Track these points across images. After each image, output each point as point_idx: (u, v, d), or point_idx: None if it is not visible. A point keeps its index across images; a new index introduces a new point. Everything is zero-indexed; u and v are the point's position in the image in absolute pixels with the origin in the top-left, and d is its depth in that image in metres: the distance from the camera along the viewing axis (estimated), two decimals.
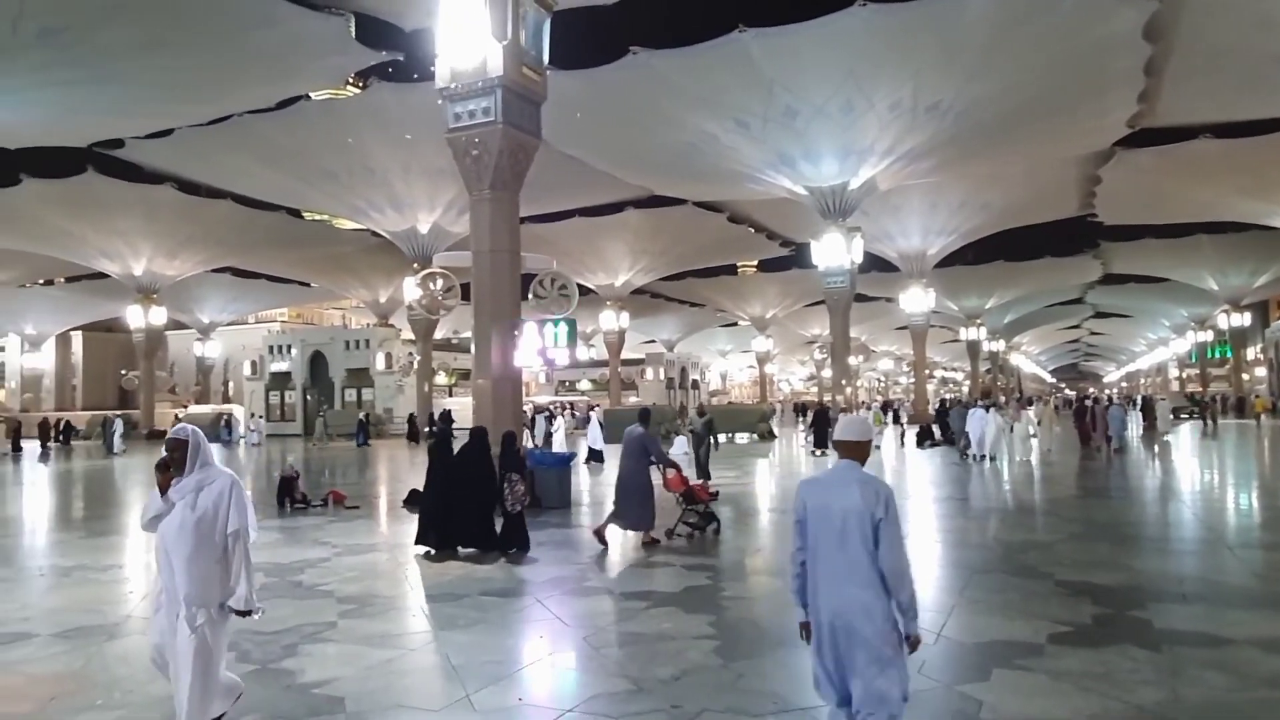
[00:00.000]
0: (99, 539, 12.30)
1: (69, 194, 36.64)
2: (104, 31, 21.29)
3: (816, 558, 3.70)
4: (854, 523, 3.59)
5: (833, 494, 3.71)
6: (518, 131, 14.27)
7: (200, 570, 4.21)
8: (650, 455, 10.93)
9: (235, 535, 4.29)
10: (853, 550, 3.59)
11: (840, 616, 3.60)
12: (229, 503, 4.31)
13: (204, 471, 4.38)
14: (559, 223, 42.03)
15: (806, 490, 3.85)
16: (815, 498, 3.77)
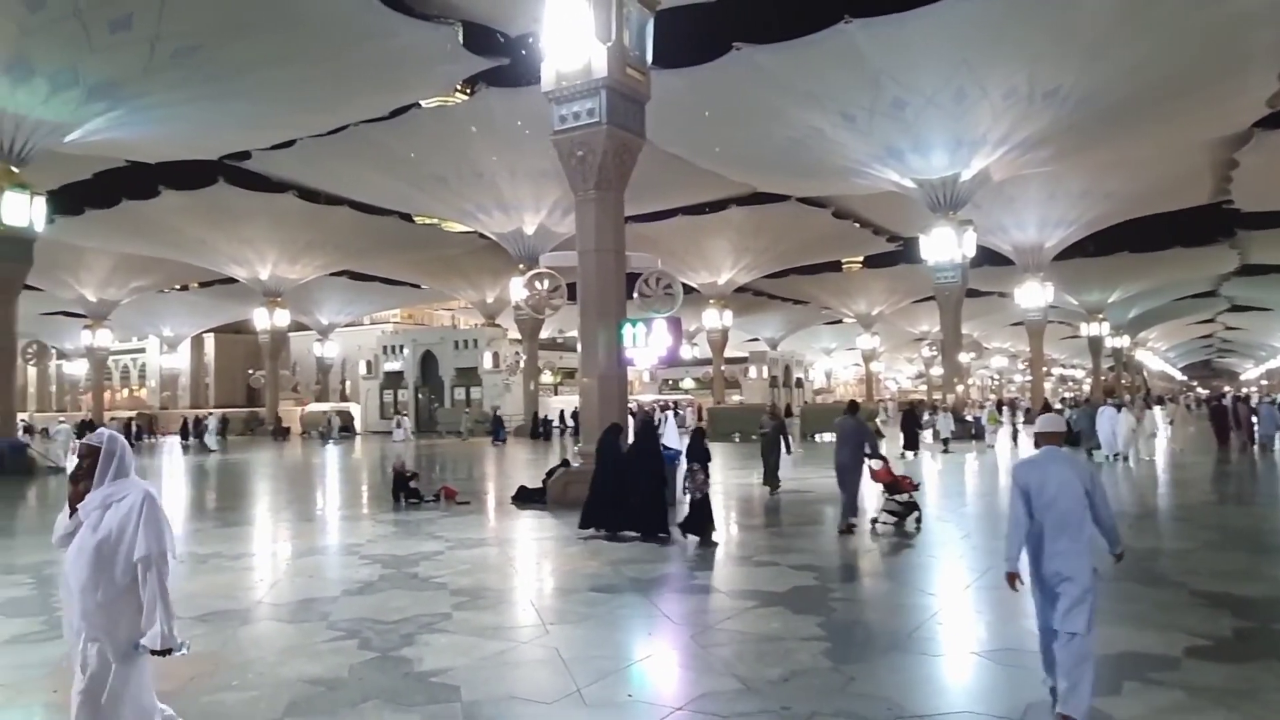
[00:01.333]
0: (230, 529, 13.01)
1: (202, 204, 38.96)
2: (232, 49, 22.53)
3: (1038, 523, 4.67)
4: (1067, 491, 4.64)
5: (1047, 471, 4.72)
6: (622, 131, 14.37)
7: (97, 601, 3.51)
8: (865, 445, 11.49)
9: (145, 561, 3.53)
10: (1065, 512, 4.62)
11: (1054, 562, 4.63)
12: (137, 522, 3.55)
13: (115, 485, 3.65)
14: (662, 222, 42.18)
15: (1023, 470, 4.83)
16: (1032, 475, 4.75)
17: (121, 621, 3.60)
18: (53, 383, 78.10)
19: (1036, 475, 4.72)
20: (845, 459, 11.39)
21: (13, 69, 21.32)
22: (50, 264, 37.37)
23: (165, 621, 3.61)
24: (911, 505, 11.40)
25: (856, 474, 11.33)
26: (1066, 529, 4.60)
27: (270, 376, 50.98)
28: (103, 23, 20.44)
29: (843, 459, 11.42)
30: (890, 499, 11.44)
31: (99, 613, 3.55)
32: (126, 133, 26.11)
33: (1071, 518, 4.61)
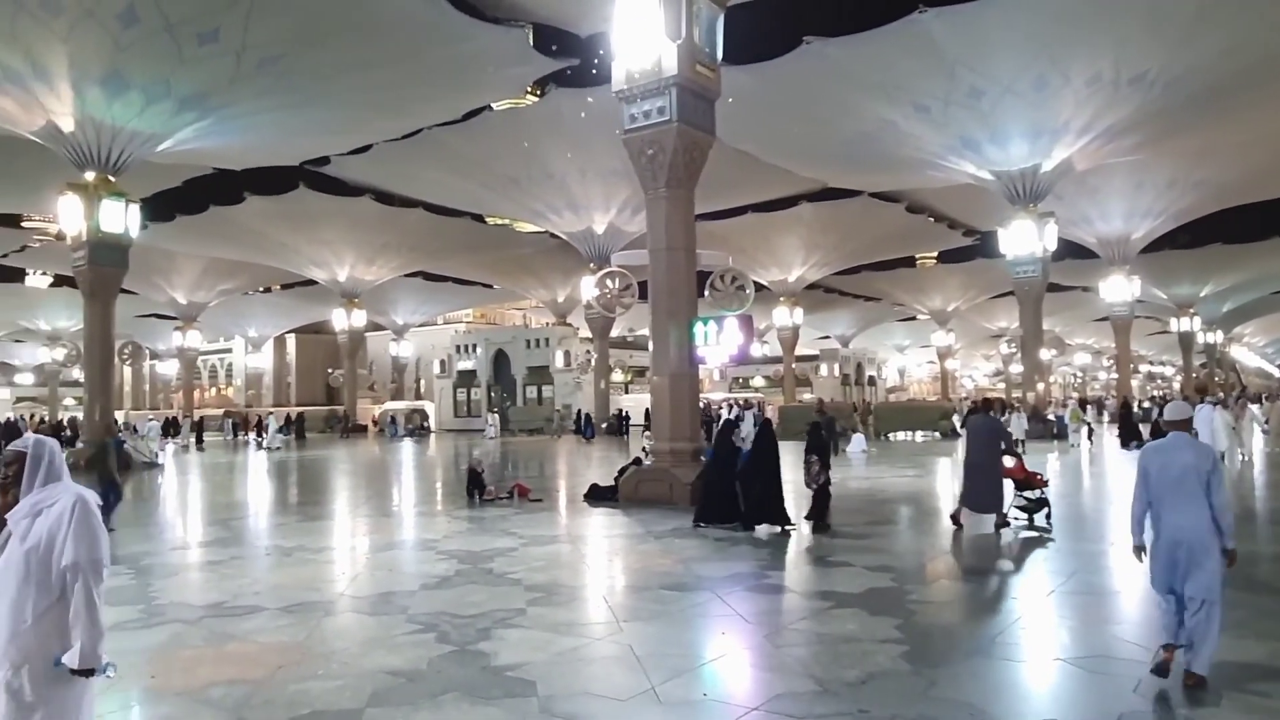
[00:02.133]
0: (312, 523, 13.41)
1: (284, 209, 40.27)
2: (313, 58, 23.22)
3: (1160, 500, 5.23)
4: (1190, 474, 5.14)
5: (1172, 455, 5.27)
6: (692, 129, 14.34)
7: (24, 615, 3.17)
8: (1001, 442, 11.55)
9: (73, 570, 3.18)
10: (1187, 493, 5.13)
11: (1177, 535, 5.13)
12: (68, 529, 3.24)
13: (45, 491, 3.33)
14: (731, 219, 41.97)
15: (1150, 454, 5.43)
16: (1158, 458, 5.33)
17: (53, 636, 3.19)
18: (146, 382, 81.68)
19: (1160, 459, 5.30)
20: (979, 456, 11.36)
21: (109, 83, 22.34)
22: (144, 268, 39.12)
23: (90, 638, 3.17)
24: (1042, 501, 11.37)
25: (991, 471, 11.19)
26: (1190, 506, 5.11)
27: (348, 375, 52.42)
28: (192, 36, 21.28)
29: (977, 456, 11.40)
30: (1020, 495, 11.44)
31: (30, 632, 3.15)
32: (214, 141, 27.15)
33: (1194, 498, 5.11)
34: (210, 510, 16.60)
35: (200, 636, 6.76)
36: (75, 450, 27.13)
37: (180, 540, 12.22)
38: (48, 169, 26.99)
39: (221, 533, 12.67)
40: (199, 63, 22.16)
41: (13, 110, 23.20)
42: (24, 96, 22.58)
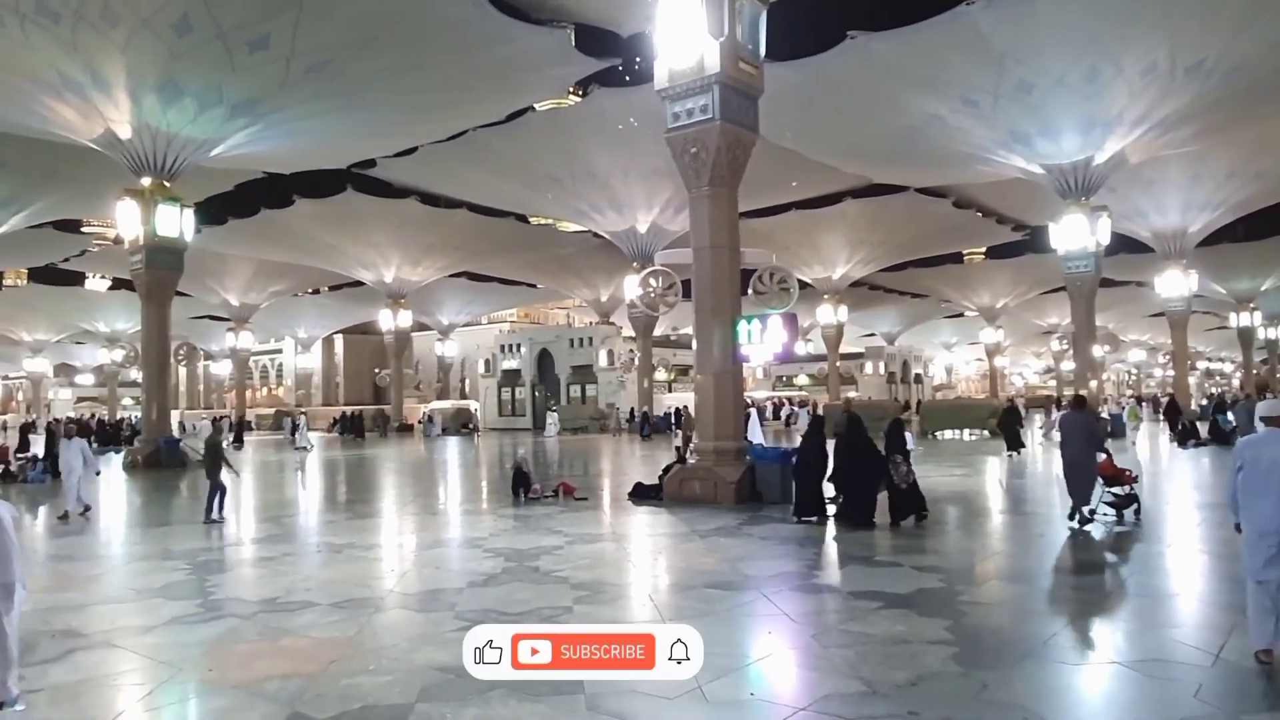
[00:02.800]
0: (361, 520, 13.62)
1: (332, 211, 40.96)
2: (360, 63, 23.55)
3: (1250, 491, 5.58)
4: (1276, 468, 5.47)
5: (1263, 449, 5.63)
6: (735, 127, 14.29)
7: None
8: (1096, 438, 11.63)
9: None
10: (1273, 485, 5.45)
11: (1264, 525, 5.46)
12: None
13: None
14: (774, 217, 41.73)
15: (1245, 447, 5.85)
16: (1251, 451, 5.72)
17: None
18: (201, 382, 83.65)
19: (1252, 452, 5.70)
20: (1074, 454, 11.39)
21: (164, 90, 22.91)
22: (198, 271, 40.02)
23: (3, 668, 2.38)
24: (1131, 498, 11.39)
25: (1087, 467, 11.26)
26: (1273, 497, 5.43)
27: (395, 375, 53.13)
28: (243, 44, 21.73)
29: (1072, 454, 11.43)
30: (1108, 491, 11.46)
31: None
32: (264, 146, 27.69)
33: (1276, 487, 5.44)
34: (262, 508, 16.95)
35: (255, 631, 6.91)
36: (132, 449, 27.92)
37: (233, 537, 12.50)
38: (106, 175, 27.77)
39: (273, 529, 12.94)
40: (250, 69, 22.62)
41: (73, 119, 23.90)
42: (84, 105, 23.25)
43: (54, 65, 21.67)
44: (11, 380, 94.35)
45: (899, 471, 11.65)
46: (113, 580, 9.38)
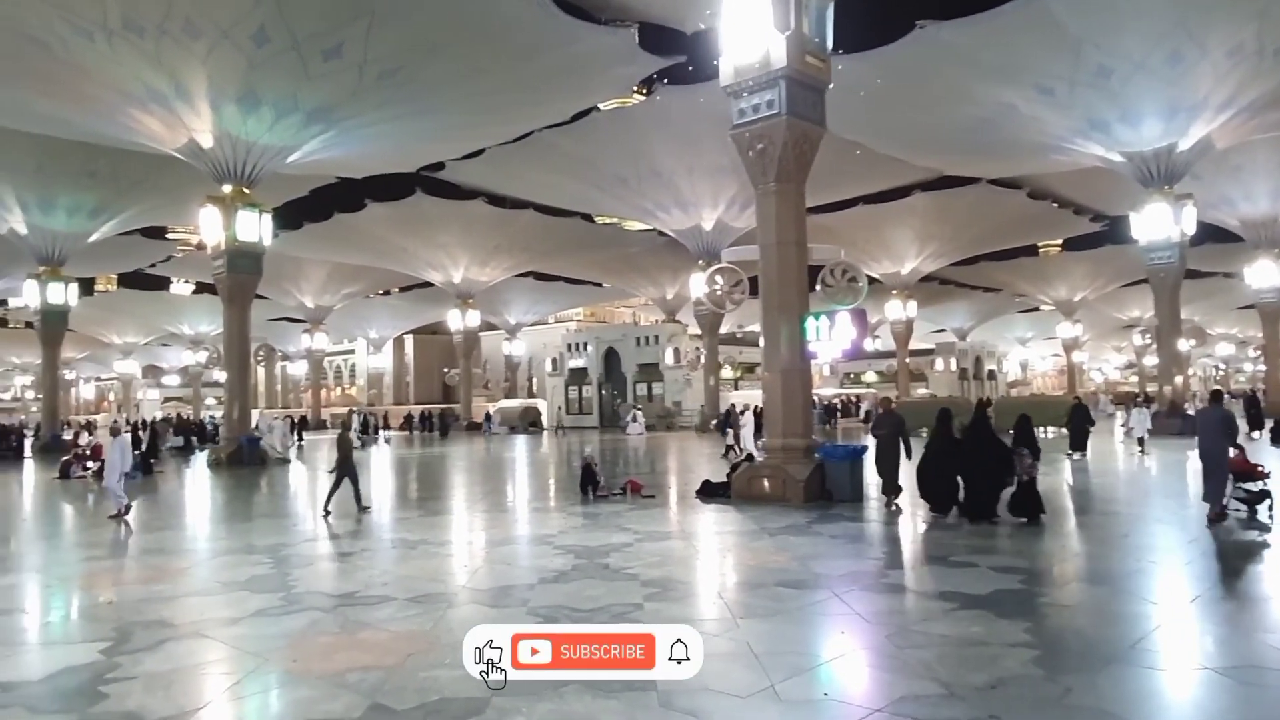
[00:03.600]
0: (434, 518, 13.89)
1: (402, 214, 41.85)
2: (428, 68, 24.00)
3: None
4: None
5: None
6: (802, 122, 14.13)
7: None
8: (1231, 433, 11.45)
9: None
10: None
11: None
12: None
13: None
14: (842, 212, 41.20)
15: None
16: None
17: None
18: (278, 382, 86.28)
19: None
20: (1209, 446, 11.23)
21: (243, 100, 23.70)
22: (275, 274, 41.34)
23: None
24: (1263, 493, 11.18)
25: (1221, 461, 11.10)
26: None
27: (464, 374, 54.04)
28: (317, 53, 22.34)
29: (1206, 446, 11.28)
30: (1239, 486, 11.27)
31: None
32: (338, 152, 28.44)
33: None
34: (337, 504, 17.37)
35: (336, 624, 7.10)
36: (216, 447, 28.96)
37: (312, 532, 12.86)
38: (189, 183, 28.87)
39: (350, 526, 13.27)
40: (324, 78, 23.24)
41: (158, 129, 24.87)
42: (168, 116, 24.18)
43: (140, 78, 22.59)
44: (103, 381, 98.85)
45: (1024, 464, 11.51)
46: (200, 573, 9.74)
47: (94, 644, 6.58)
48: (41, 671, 6.04)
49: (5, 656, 6.57)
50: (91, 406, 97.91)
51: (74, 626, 7.85)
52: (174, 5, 20.20)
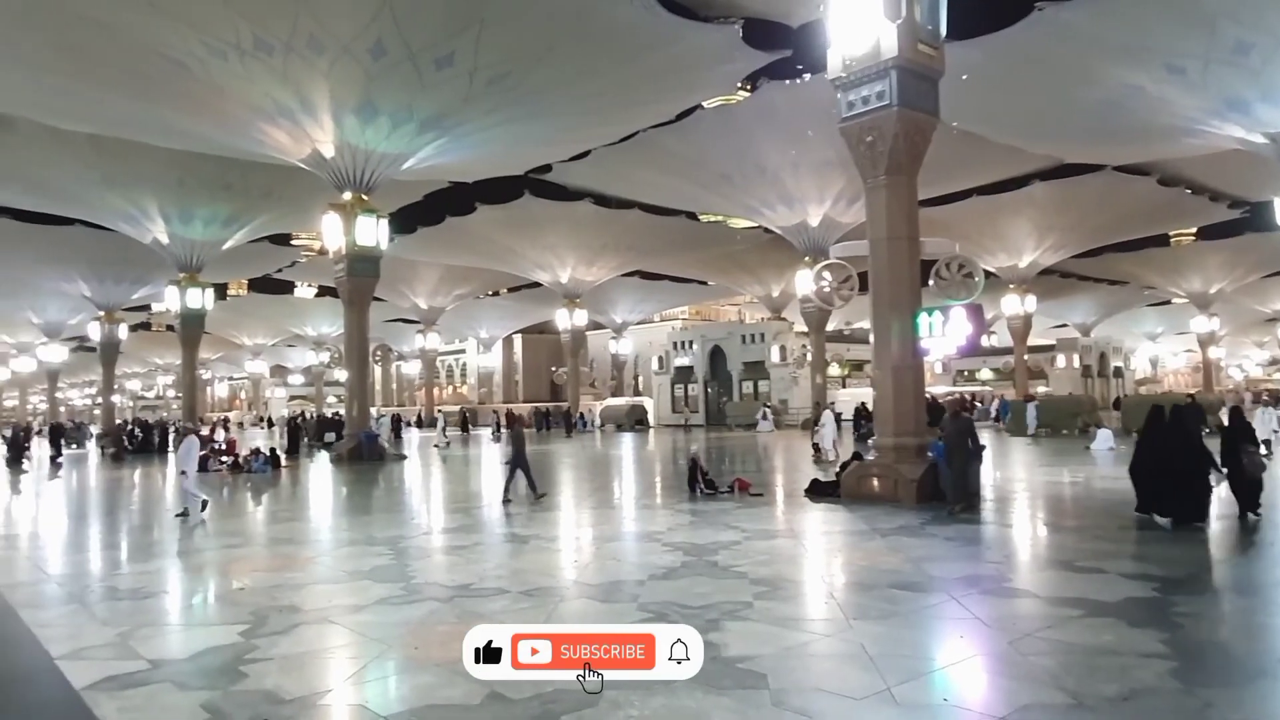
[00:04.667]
0: (544, 514, 14.14)
1: (510, 216, 42.83)
2: (536, 73, 24.45)
3: None
4: None
5: None
6: (914, 112, 13.77)
7: None
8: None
9: None
10: None
11: None
12: None
13: None
14: (955, 204, 39.87)
15: None
16: None
17: None
18: (394, 381, 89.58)
19: None
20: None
21: (362, 111, 24.71)
22: (391, 277, 42.91)
23: None
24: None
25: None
26: None
27: (571, 373, 54.86)
28: (430, 62, 23.07)
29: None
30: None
31: None
32: (449, 157, 29.31)
33: None
34: (450, 499, 17.96)
35: (453, 614, 7.33)
36: (339, 444, 30.28)
37: (427, 526, 13.31)
38: (312, 192, 30.35)
39: (464, 520, 13.70)
40: (437, 86, 23.98)
41: (286, 142, 26.19)
42: (294, 129, 25.44)
43: (269, 94, 23.83)
44: (235, 380, 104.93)
45: (1254, 460, 11.15)
46: (327, 562, 10.21)
47: (233, 626, 7.00)
48: (187, 651, 6.45)
49: (154, 636, 7.06)
50: (224, 404, 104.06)
51: (214, 610, 8.35)
52: (299, 23, 21.22)
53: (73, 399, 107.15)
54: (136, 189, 33.83)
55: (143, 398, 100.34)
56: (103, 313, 47.96)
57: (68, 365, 69.60)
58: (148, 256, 39.43)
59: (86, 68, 22.81)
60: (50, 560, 11.37)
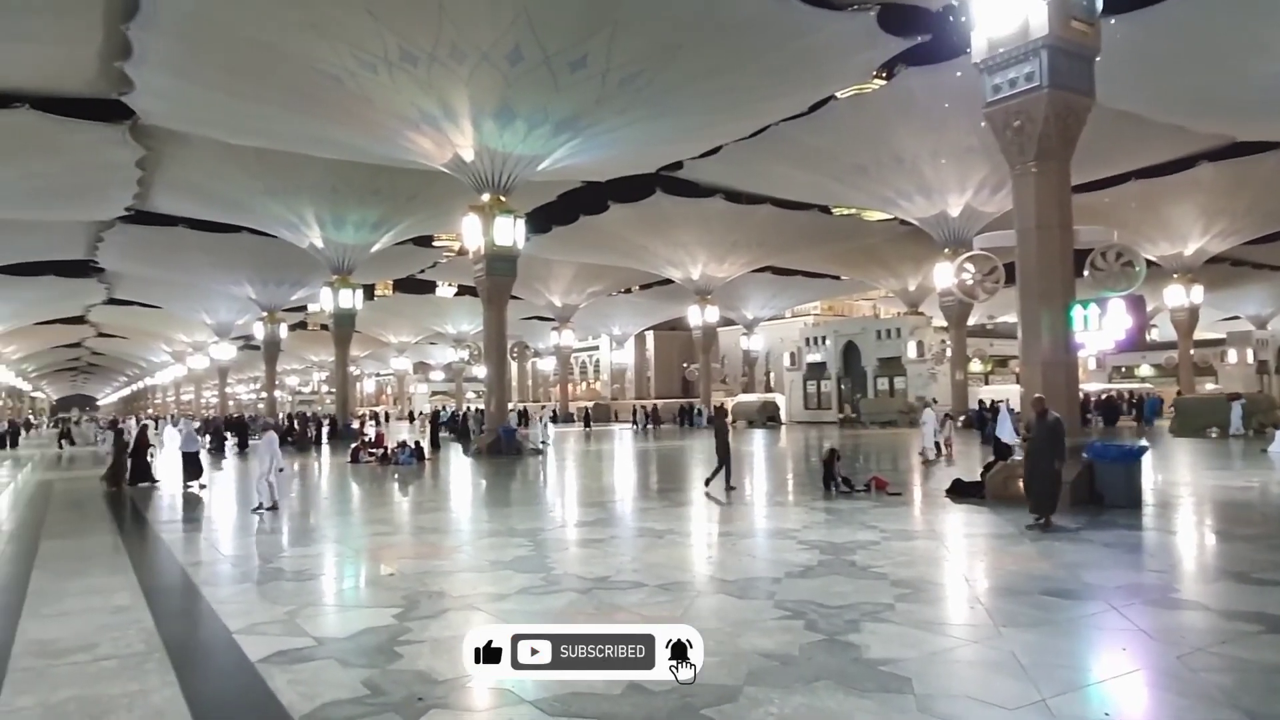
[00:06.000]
0: (678, 508, 14.24)
1: (642, 214, 43.24)
2: (667, 71, 24.58)
3: None
4: None
5: None
6: (1066, 93, 13.02)
7: None
8: None
9: None
10: None
11: None
12: None
13: None
14: (1110, 189, 37.45)
15: None
16: None
17: None
18: (529, 377, 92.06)
19: None
20: None
21: (500, 115, 25.51)
22: (527, 275, 44.16)
23: None
24: None
25: None
26: None
27: (703, 369, 54.92)
28: (565, 65, 23.56)
29: None
30: None
31: None
32: (583, 158, 29.88)
33: None
34: (586, 493, 18.32)
35: (592, 605, 7.48)
36: (479, 437, 31.39)
37: (564, 519, 13.63)
38: (452, 195, 31.57)
39: (600, 514, 13.94)
40: (571, 88, 24.48)
41: (429, 148, 27.37)
42: (437, 135, 26.54)
43: (414, 102, 24.95)
44: (381, 377, 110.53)
45: None
46: (471, 552, 10.60)
47: (387, 609, 7.38)
48: (347, 630, 6.84)
49: (317, 615, 7.53)
50: (371, 399, 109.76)
51: (369, 593, 8.83)
52: (442, 34, 22.10)
53: (239, 394, 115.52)
54: (296, 197, 36.23)
55: (299, 392, 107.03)
56: (265, 313, 51.64)
57: (234, 362, 75.21)
58: (305, 260, 42.16)
59: (254, 87, 24.59)
60: (223, 542, 12.31)
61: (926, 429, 22.25)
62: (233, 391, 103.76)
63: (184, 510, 16.03)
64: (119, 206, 36.55)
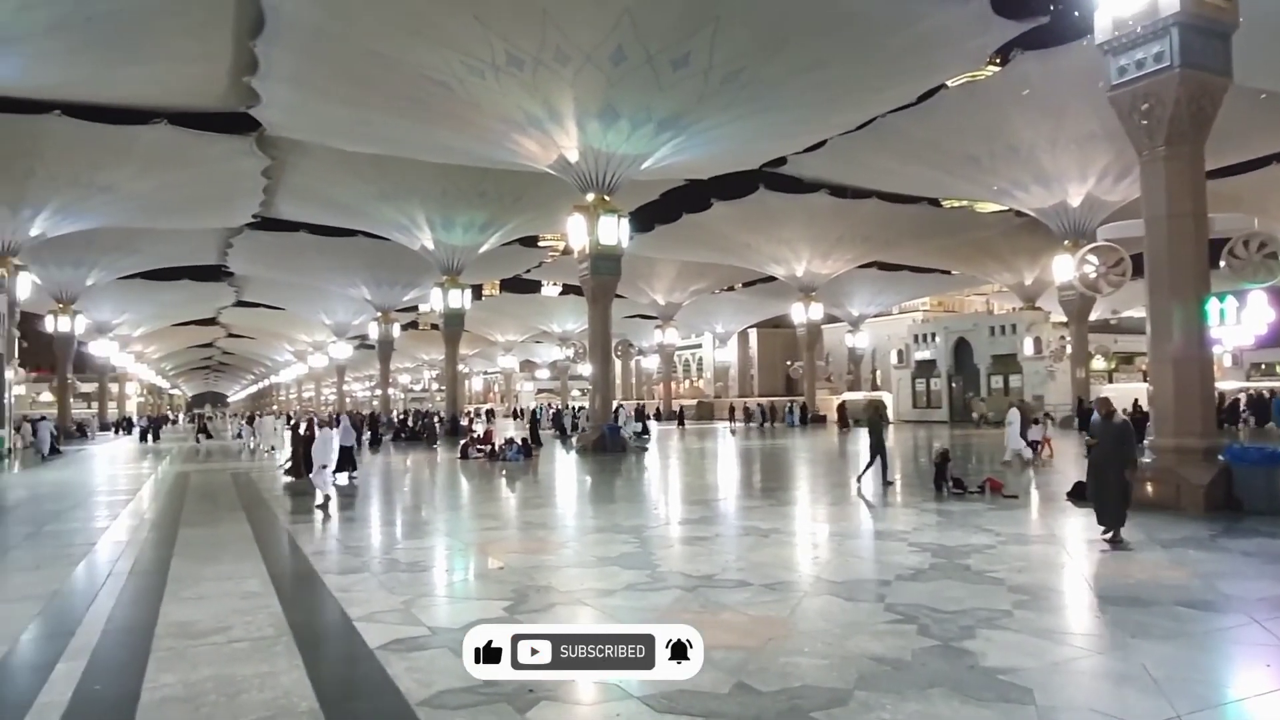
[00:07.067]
0: (783, 508, 14.09)
1: (745, 211, 42.91)
2: (770, 66, 24.31)
3: None
4: None
5: None
6: (1200, 73, 12.25)
7: None
8: None
9: None
10: None
11: None
12: None
13: None
14: (1249, 174, 35.04)
15: None
16: None
17: None
18: (633, 375, 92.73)
19: None
20: None
21: (604, 115, 25.76)
22: (631, 274, 44.45)
23: None
24: None
25: None
26: None
27: (807, 367, 54.15)
28: (667, 64, 23.61)
29: None
30: None
31: None
32: (685, 156, 29.87)
33: None
34: (689, 491, 18.33)
35: (697, 603, 7.46)
36: (582, 435, 31.79)
37: (669, 517, 13.65)
38: (557, 195, 32.11)
39: (704, 512, 13.92)
40: (673, 87, 24.51)
41: (535, 150, 27.89)
42: (542, 137, 27.01)
43: (520, 106, 25.47)
44: (489, 375, 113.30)
45: None
46: (577, 548, 10.74)
47: (497, 602, 7.56)
48: (459, 621, 7.02)
49: (431, 606, 7.78)
50: (479, 397, 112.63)
51: (480, 585, 9.05)
52: (546, 37, 22.48)
53: (355, 391, 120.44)
54: (408, 201, 37.55)
55: (411, 390, 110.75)
56: (380, 314, 53.70)
57: (351, 361, 78.53)
58: (416, 262, 43.65)
59: (369, 96, 25.61)
60: (346, 532, 12.85)
61: (1012, 430, 20.84)
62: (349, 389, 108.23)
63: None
64: (246, 214, 38.75)
